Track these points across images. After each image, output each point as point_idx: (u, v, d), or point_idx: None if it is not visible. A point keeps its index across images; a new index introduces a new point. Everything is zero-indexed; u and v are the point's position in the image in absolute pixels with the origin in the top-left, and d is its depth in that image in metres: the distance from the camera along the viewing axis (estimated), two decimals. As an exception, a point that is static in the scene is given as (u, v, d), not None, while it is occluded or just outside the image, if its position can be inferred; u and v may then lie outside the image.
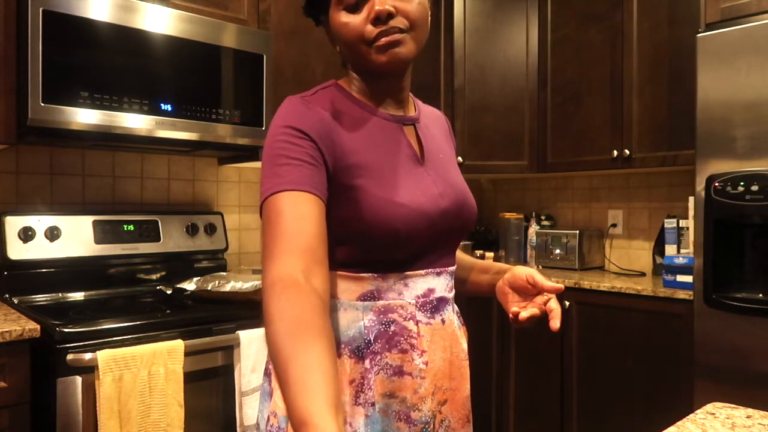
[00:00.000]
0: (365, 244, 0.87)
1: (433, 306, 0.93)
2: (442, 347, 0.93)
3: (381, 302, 0.89)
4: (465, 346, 0.99)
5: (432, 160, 0.97)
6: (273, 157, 0.82)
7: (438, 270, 0.94)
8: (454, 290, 1.00)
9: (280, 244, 0.74)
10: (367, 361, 0.87)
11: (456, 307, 1.02)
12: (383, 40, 0.85)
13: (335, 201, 0.86)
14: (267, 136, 0.86)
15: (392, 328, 0.88)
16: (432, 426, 0.90)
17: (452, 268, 0.99)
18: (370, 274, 0.88)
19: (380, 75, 0.91)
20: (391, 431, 0.87)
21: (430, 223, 0.90)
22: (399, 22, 0.85)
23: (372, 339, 0.87)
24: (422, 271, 0.92)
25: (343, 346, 0.88)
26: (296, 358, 0.62)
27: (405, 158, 0.93)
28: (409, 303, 0.90)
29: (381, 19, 0.84)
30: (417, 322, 0.90)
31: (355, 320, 0.88)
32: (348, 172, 0.86)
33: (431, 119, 1.06)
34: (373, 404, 0.86)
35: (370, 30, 0.85)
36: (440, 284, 0.95)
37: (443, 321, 0.94)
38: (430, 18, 0.93)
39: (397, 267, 0.89)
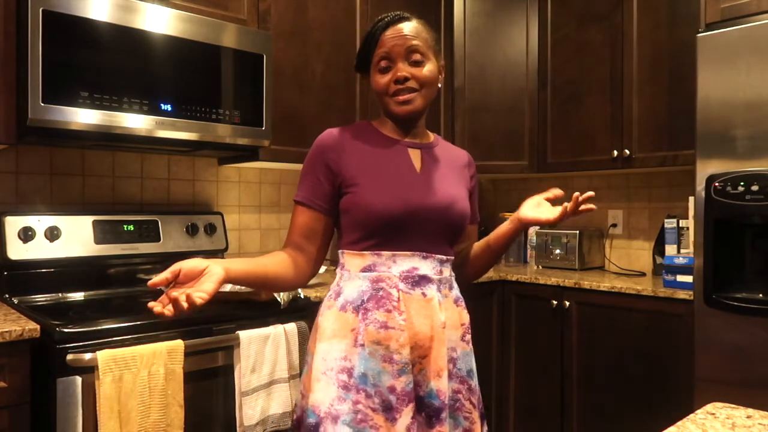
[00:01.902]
0: (360, 224, 1.20)
1: (414, 281, 1.21)
2: (423, 315, 1.20)
3: (374, 273, 1.21)
4: (443, 318, 1.22)
5: (427, 173, 1.27)
6: (304, 169, 1.27)
7: (425, 254, 1.23)
8: (445, 274, 1.26)
9: (287, 237, 1.28)
10: (360, 315, 1.19)
11: (452, 291, 1.28)
12: (399, 98, 1.24)
13: (345, 196, 1.23)
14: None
15: (380, 293, 1.19)
16: (410, 368, 1.17)
17: (442, 257, 1.25)
18: (368, 252, 1.22)
19: (399, 119, 1.29)
20: (379, 368, 1.16)
21: (407, 210, 1.20)
22: (412, 83, 1.24)
23: (365, 300, 1.19)
24: (408, 252, 1.22)
25: (349, 304, 1.21)
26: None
27: (401, 167, 1.25)
28: (394, 275, 1.20)
29: (399, 80, 1.23)
30: (399, 290, 1.19)
31: (358, 287, 1.21)
32: (353, 173, 1.23)
33: (450, 153, 1.37)
34: (363, 345, 1.17)
35: (393, 87, 1.24)
36: (426, 266, 1.23)
37: (424, 294, 1.21)
38: (443, 75, 1.32)
39: (389, 247, 1.21)
